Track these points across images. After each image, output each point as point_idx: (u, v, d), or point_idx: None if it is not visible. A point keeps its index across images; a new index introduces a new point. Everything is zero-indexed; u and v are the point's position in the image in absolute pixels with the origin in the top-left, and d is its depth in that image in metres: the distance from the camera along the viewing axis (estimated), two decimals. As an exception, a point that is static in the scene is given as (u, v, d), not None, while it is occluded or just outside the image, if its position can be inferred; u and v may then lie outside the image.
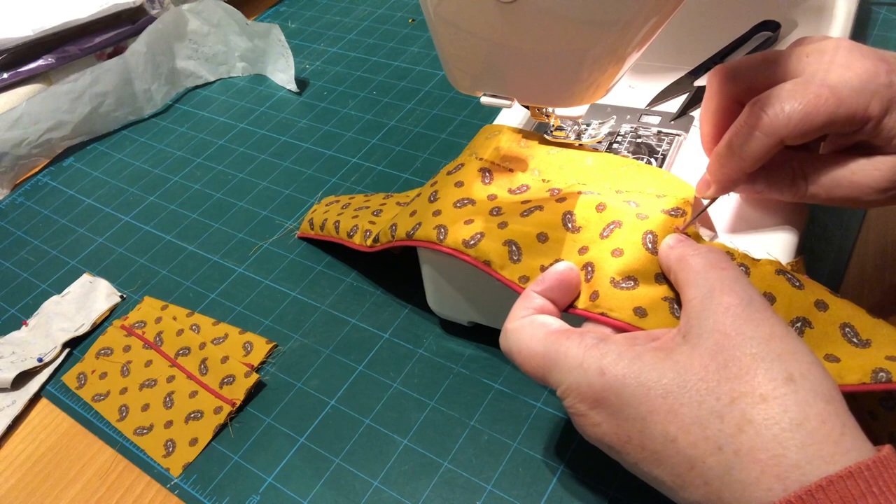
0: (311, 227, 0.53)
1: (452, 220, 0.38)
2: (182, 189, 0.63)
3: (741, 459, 0.24)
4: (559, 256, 0.35)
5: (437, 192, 0.40)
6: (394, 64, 0.72)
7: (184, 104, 0.75)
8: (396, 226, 0.41)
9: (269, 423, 0.43)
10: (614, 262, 0.33)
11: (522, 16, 0.32)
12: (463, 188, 0.39)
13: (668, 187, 0.36)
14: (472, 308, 0.42)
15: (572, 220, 0.35)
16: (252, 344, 0.47)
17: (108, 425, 0.45)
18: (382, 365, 0.45)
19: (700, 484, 0.25)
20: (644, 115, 0.46)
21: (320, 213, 0.53)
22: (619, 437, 0.28)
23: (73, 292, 0.55)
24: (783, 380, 0.25)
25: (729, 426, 0.25)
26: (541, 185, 0.39)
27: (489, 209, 0.38)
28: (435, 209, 0.39)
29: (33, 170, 0.70)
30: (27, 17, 0.74)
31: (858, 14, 0.54)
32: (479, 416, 0.41)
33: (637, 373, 0.27)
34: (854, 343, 0.30)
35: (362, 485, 0.39)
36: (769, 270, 0.32)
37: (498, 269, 0.36)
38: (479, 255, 0.36)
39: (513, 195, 0.39)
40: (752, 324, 0.26)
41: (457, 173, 0.41)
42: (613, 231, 0.34)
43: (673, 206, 0.35)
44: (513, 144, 0.42)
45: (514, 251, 0.36)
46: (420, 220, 0.39)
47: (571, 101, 0.37)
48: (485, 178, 0.40)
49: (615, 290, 0.33)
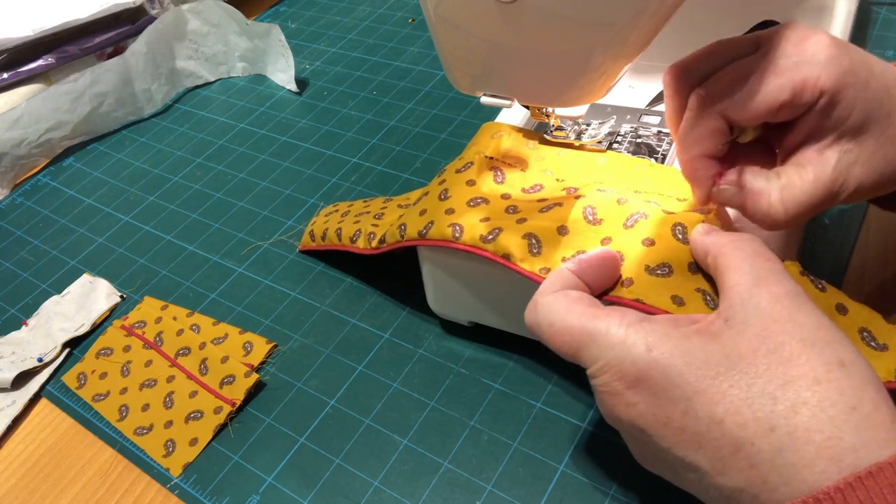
0: (311, 239, 0.52)
1: (467, 218, 0.37)
2: (182, 189, 0.63)
3: (795, 441, 0.23)
4: (582, 248, 0.34)
5: (447, 190, 0.39)
6: (394, 64, 0.72)
7: (184, 104, 0.75)
8: (406, 226, 0.40)
9: (269, 423, 0.43)
10: (646, 251, 0.32)
11: (522, 16, 0.32)
12: (475, 187, 0.39)
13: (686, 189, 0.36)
14: (472, 308, 0.42)
15: (593, 213, 0.35)
16: (252, 344, 0.47)
17: (108, 425, 0.45)
18: (382, 365, 0.45)
19: (745, 467, 0.24)
20: (644, 115, 0.46)
21: (320, 223, 0.52)
22: (657, 419, 0.27)
23: (73, 292, 0.55)
24: (836, 364, 0.24)
25: (782, 407, 0.24)
26: (555, 184, 0.39)
27: (504, 207, 0.37)
28: (447, 207, 0.38)
29: (33, 170, 0.70)
30: (27, 17, 0.74)
31: (858, 14, 0.54)
32: (479, 416, 0.41)
33: (685, 352, 0.26)
34: (872, 346, 0.30)
35: (362, 485, 0.39)
36: (795, 271, 0.32)
37: (518, 262, 0.35)
38: (498, 249, 0.35)
39: (527, 194, 0.38)
40: (802, 313, 0.26)
41: (466, 172, 0.40)
42: (638, 221, 0.34)
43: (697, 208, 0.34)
44: (518, 144, 0.41)
45: (534, 244, 0.35)
46: (432, 219, 0.38)
47: (571, 101, 0.37)
48: (497, 177, 0.39)
49: (650, 276, 0.32)
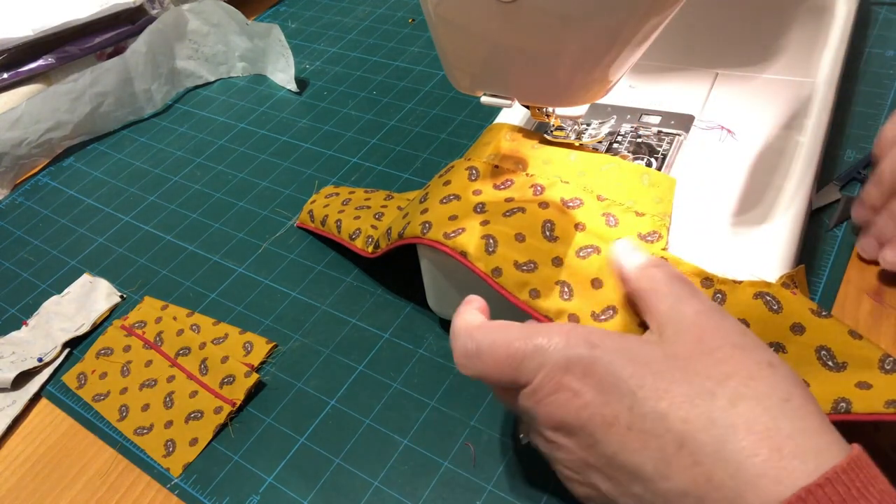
0: (311, 219, 0.53)
1: (438, 216, 0.38)
2: (182, 189, 0.63)
3: (736, 432, 0.24)
4: (533, 258, 0.35)
5: (427, 194, 0.41)
6: (394, 64, 0.72)
7: (184, 104, 0.75)
8: (391, 229, 0.41)
9: (269, 423, 0.43)
10: (594, 294, 0.34)
11: (522, 15, 0.32)
12: (450, 186, 0.40)
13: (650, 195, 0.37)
14: (472, 308, 0.42)
15: (551, 230, 0.36)
16: (252, 344, 0.47)
17: (109, 425, 0.45)
18: (382, 365, 0.45)
19: (688, 465, 0.24)
20: (644, 115, 0.46)
21: (320, 205, 0.53)
22: (605, 419, 0.26)
23: (73, 292, 0.55)
24: (766, 363, 0.26)
25: (721, 401, 0.25)
26: (524, 179, 0.39)
27: (473, 205, 0.38)
28: (423, 208, 0.40)
29: (33, 170, 0.70)
30: (27, 17, 0.74)
31: (858, 14, 0.54)
32: (479, 416, 0.41)
33: (627, 349, 0.27)
34: (829, 367, 0.30)
35: (362, 485, 0.39)
36: (748, 294, 0.32)
37: (473, 261, 0.36)
38: (457, 245, 0.37)
39: (497, 191, 0.39)
40: (727, 322, 0.28)
41: (446, 174, 0.42)
42: (591, 255, 0.35)
43: (649, 231, 0.36)
44: (510, 144, 0.42)
45: (491, 244, 0.36)
46: (409, 220, 0.40)
47: (571, 101, 0.37)
48: (471, 175, 0.40)
49: (596, 323, 0.33)
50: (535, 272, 0.35)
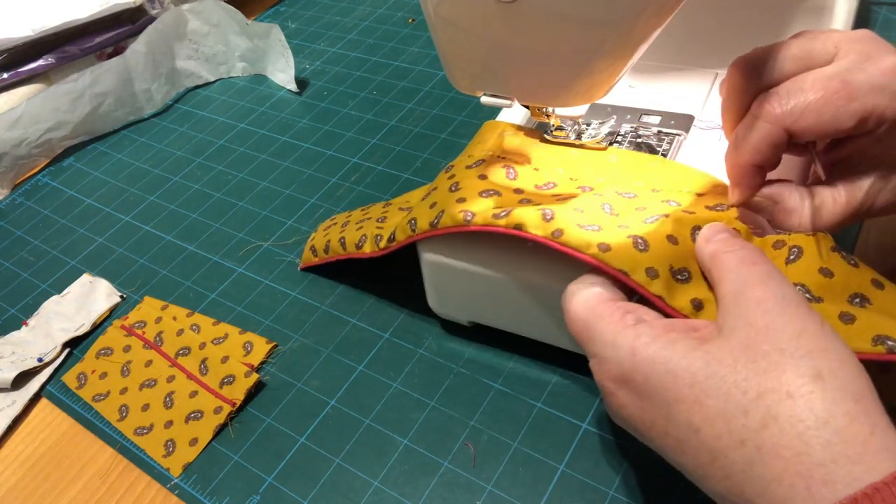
0: (314, 255, 0.50)
1: (480, 205, 0.37)
2: (182, 189, 0.63)
3: (763, 456, 0.24)
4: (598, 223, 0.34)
5: (458, 183, 0.39)
6: (394, 64, 0.72)
7: (184, 104, 0.75)
8: (416, 220, 0.39)
9: (269, 423, 0.43)
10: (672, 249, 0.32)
11: (522, 15, 0.32)
12: (487, 181, 0.39)
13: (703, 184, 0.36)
14: (472, 308, 0.42)
15: (610, 209, 0.35)
16: (252, 344, 0.47)
17: (108, 425, 0.45)
18: (382, 365, 0.45)
19: (721, 477, 0.25)
20: (644, 115, 0.46)
21: (320, 237, 0.50)
22: (644, 421, 0.28)
23: (73, 292, 0.55)
24: (811, 377, 0.24)
25: (753, 421, 0.24)
26: (569, 182, 0.38)
27: (517, 200, 0.37)
28: (459, 197, 0.38)
29: (33, 170, 0.70)
30: (27, 17, 0.74)
31: (858, 14, 0.54)
32: (479, 416, 0.41)
33: (667, 358, 0.27)
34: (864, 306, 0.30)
35: (362, 485, 0.39)
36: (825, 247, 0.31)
37: (531, 229, 0.34)
38: (510, 221, 0.35)
39: (540, 191, 0.38)
40: (783, 318, 0.26)
41: (478, 168, 0.40)
42: (658, 219, 0.33)
43: (716, 203, 0.34)
44: (524, 144, 0.41)
45: (547, 213, 0.34)
46: (443, 209, 0.38)
47: (571, 101, 0.37)
48: (509, 174, 0.39)
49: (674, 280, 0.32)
50: (601, 231, 0.33)
